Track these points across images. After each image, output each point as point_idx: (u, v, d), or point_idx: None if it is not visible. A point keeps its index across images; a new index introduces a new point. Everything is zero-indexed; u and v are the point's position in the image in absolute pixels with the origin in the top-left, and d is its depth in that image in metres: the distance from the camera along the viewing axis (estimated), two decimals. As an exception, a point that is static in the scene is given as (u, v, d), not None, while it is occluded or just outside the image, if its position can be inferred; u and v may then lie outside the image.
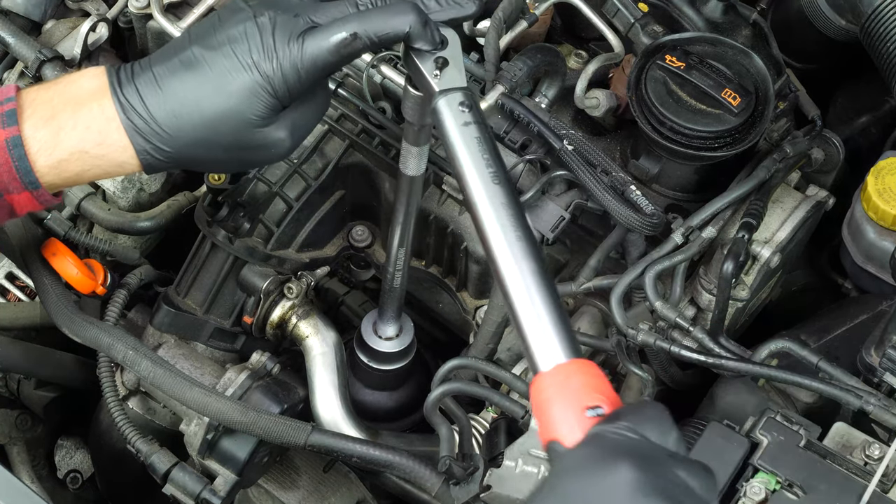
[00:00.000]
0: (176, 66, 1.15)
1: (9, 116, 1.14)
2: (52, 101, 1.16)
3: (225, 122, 1.15)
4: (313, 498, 1.55)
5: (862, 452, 1.27)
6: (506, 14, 1.51)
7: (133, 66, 1.17)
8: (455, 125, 1.11)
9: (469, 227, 1.51)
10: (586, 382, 0.97)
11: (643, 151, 1.48)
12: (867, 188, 1.49)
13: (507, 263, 1.05)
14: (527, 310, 1.02)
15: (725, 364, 1.35)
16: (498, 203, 1.08)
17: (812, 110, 1.59)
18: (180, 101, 1.14)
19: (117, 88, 1.15)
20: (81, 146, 1.15)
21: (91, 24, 1.58)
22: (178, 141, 1.15)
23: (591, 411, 0.95)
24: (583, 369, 0.98)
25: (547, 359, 0.99)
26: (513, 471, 1.27)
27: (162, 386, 1.39)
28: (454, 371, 1.37)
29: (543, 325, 1.01)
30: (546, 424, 0.96)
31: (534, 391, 0.98)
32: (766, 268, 1.47)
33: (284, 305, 1.52)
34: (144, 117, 1.15)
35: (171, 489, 1.42)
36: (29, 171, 1.15)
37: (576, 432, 0.93)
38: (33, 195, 1.17)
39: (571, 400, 0.95)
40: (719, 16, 1.60)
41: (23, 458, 1.81)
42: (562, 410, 0.95)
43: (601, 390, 0.96)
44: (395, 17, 1.15)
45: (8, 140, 1.14)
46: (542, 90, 1.52)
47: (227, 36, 1.15)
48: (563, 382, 0.97)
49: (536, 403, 0.97)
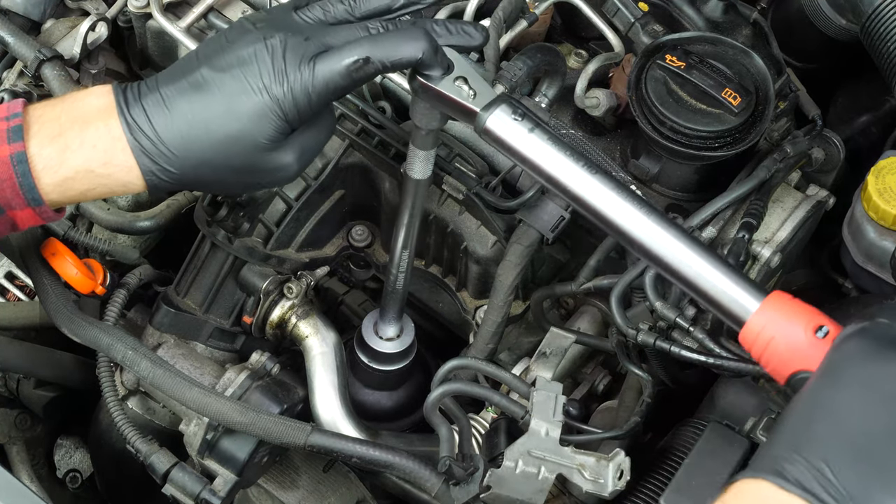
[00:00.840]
0: (184, 87, 1.15)
1: (14, 132, 1.14)
2: (60, 118, 1.16)
3: (233, 145, 1.15)
4: (313, 498, 1.55)
5: (862, 452, 1.27)
6: (506, 13, 1.51)
7: (140, 85, 1.17)
8: (521, 137, 1.12)
9: (469, 226, 1.51)
10: (799, 309, 1.01)
11: (643, 151, 1.48)
12: (867, 188, 1.49)
13: (659, 243, 1.08)
14: (703, 275, 1.06)
15: (726, 364, 1.35)
16: (612, 192, 1.11)
17: (812, 110, 1.59)
18: (188, 123, 1.14)
19: (124, 108, 1.15)
20: (87, 165, 1.16)
21: (90, 23, 1.58)
22: (184, 163, 1.15)
23: (820, 331, 0.99)
24: (785, 299, 1.02)
25: (747, 306, 1.03)
26: (513, 471, 1.26)
27: (161, 386, 1.39)
28: (454, 371, 1.37)
29: (726, 281, 1.05)
30: (785, 361, 0.99)
31: (750, 339, 1.02)
32: (767, 268, 1.47)
33: (284, 305, 1.52)
34: (151, 138, 1.15)
35: (170, 489, 1.42)
36: (33, 187, 1.15)
37: (818, 354, 0.97)
38: (36, 211, 1.17)
39: (797, 328, 0.99)
40: (719, 15, 1.60)
41: (22, 457, 1.81)
42: (797, 342, 0.99)
43: (813, 311, 1.01)
44: (408, 42, 1.15)
45: (12, 156, 1.14)
46: (542, 90, 1.52)
47: (236, 57, 1.15)
48: (776, 318, 1.01)
49: (760, 348, 1.01)
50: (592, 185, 1.11)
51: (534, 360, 1.42)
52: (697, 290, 1.07)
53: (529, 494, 1.29)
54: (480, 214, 1.48)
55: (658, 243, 1.08)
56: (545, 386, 1.28)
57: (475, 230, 1.51)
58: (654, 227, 1.09)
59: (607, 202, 1.11)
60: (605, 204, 1.11)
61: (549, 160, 1.12)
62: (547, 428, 1.26)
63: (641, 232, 1.09)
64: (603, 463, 1.24)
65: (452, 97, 1.14)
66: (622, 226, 1.10)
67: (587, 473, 1.24)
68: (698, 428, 1.34)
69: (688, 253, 1.08)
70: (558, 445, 1.26)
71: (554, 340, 1.40)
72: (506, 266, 1.45)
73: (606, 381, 1.55)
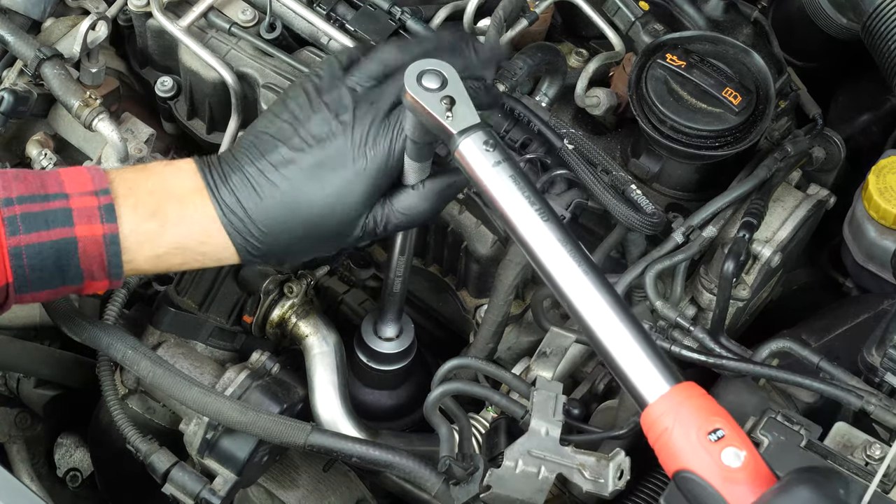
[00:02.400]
0: (267, 167, 1.19)
1: (107, 211, 1.17)
2: (154, 194, 1.20)
3: (324, 220, 1.20)
4: (313, 497, 1.55)
5: (863, 453, 1.27)
6: (506, 12, 1.51)
7: (222, 164, 1.21)
8: (487, 167, 1.12)
9: (469, 226, 1.51)
10: (699, 406, 0.98)
11: (644, 150, 1.48)
12: (868, 187, 1.49)
13: (586, 303, 1.05)
14: (618, 346, 1.03)
15: (726, 364, 1.35)
16: (556, 242, 1.08)
17: (813, 109, 1.59)
18: (277, 203, 1.19)
19: (214, 189, 1.20)
20: (184, 242, 1.20)
21: (91, 22, 1.58)
22: (276, 239, 1.21)
23: (713, 435, 0.96)
24: (691, 393, 1.00)
25: (652, 390, 1.00)
26: (513, 471, 1.26)
27: (161, 385, 1.39)
28: (454, 371, 1.37)
29: (639, 358, 1.02)
30: (671, 456, 0.97)
31: (647, 424, 0.99)
32: (767, 267, 1.47)
33: (284, 305, 1.52)
34: (242, 219, 1.19)
35: (170, 489, 1.42)
36: (119, 264, 1.18)
37: (705, 459, 0.95)
38: (111, 283, 1.20)
39: (692, 427, 0.97)
40: (720, 14, 1.60)
41: (22, 456, 1.81)
42: (685, 440, 0.96)
43: (714, 411, 0.98)
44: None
45: (105, 236, 1.17)
46: (543, 89, 1.52)
47: (313, 137, 1.19)
48: (676, 411, 0.98)
49: (654, 436, 0.98)
50: (540, 232, 1.08)
51: (534, 360, 1.42)
52: (610, 360, 1.03)
53: (529, 494, 1.29)
54: (480, 213, 1.48)
55: (587, 306, 1.05)
56: (545, 385, 1.28)
57: (475, 229, 1.51)
58: (588, 287, 1.05)
59: (549, 252, 1.08)
60: (546, 253, 1.08)
61: (504, 196, 1.10)
62: (547, 427, 1.26)
63: (573, 290, 1.05)
64: (603, 463, 1.24)
65: (434, 115, 1.14)
66: (556, 279, 1.06)
67: (587, 473, 1.23)
68: (699, 428, 1.33)
69: (614, 322, 1.04)
70: (558, 445, 1.26)
71: (554, 340, 1.40)
72: (506, 265, 1.45)
73: (606, 381, 1.54)
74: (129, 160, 1.53)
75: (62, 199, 1.18)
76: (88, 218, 1.17)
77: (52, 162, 1.56)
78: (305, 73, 1.28)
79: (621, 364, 1.02)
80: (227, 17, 1.58)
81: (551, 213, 1.10)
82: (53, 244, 1.16)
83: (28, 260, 1.16)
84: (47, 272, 1.17)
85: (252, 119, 1.57)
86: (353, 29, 1.55)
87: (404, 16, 1.53)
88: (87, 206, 1.18)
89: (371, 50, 1.25)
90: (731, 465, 0.96)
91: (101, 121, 1.50)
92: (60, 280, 1.18)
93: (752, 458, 0.97)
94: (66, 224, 1.17)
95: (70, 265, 1.17)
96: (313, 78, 1.22)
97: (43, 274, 1.17)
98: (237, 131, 1.57)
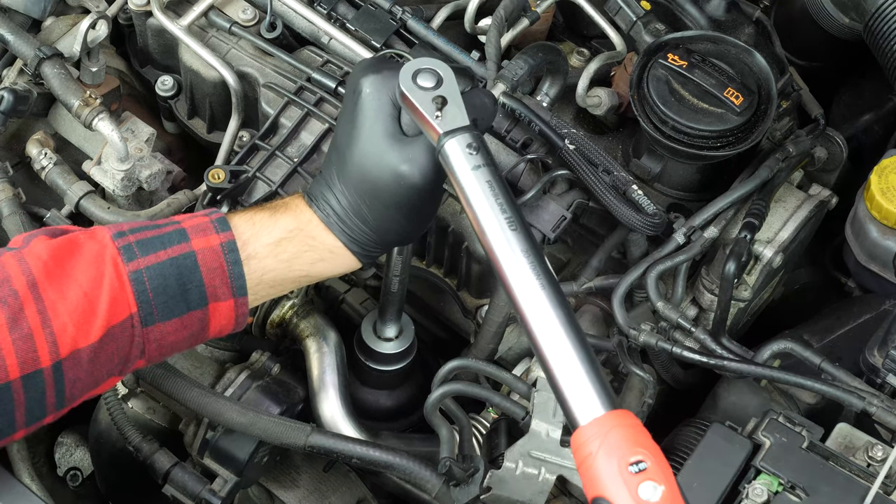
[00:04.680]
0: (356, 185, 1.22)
1: (220, 223, 1.20)
2: (275, 228, 1.23)
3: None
4: (313, 497, 1.54)
5: (864, 454, 1.27)
6: (507, 12, 1.51)
7: (330, 203, 1.23)
8: (466, 169, 1.12)
9: (469, 226, 1.50)
10: (626, 436, 0.97)
11: (645, 150, 1.48)
12: (870, 187, 1.49)
13: (535, 315, 1.05)
14: (560, 362, 1.02)
15: (727, 365, 1.35)
16: (518, 251, 1.08)
17: (815, 109, 1.58)
18: (375, 219, 1.23)
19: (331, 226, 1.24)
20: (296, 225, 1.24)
21: (91, 21, 1.58)
22: (384, 239, 1.25)
23: (634, 466, 0.95)
24: (622, 421, 0.98)
25: (585, 412, 0.99)
26: (513, 472, 1.26)
27: (161, 386, 1.38)
28: (454, 372, 1.36)
29: (579, 377, 1.01)
30: (591, 481, 0.96)
31: (575, 446, 0.99)
32: (769, 268, 1.47)
33: (285, 305, 1.52)
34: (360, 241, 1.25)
35: (170, 489, 1.42)
36: (241, 274, 1.19)
37: (621, 490, 0.94)
38: (236, 303, 1.20)
39: (614, 456, 0.96)
40: (722, 14, 1.60)
41: (22, 455, 1.80)
42: (606, 468, 0.96)
43: (641, 443, 0.97)
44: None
45: (223, 244, 1.19)
46: (544, 89, 1.51)
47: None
48: (603, 437, 0.97)
49: (579, 459, 0.98)
50: (504, 239, 1.08)
51: (534, 361, 1.41)
52: (551, 376, 1.03)
53: (530, 495, 1.29)
54: (481, 214, 1.48)
55: (536, 320, 1.04)
56: (546, 387, 1.28)
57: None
58: (542, 301, 1.05)
59: (509, 260, 1.08)
60: (507, 261, 1.08)
61: (477, 200, 1.10)
62: (547, 429, 1.26)
63: (526, 302, 1.05)
64: (604, 464, 1.23)
65: (423, 113, 1.14)
66: (512, 288, 1.06)
67: (588, 474, 1.23)
68: (700, 428, 1.33)
69: (561, 339, 1.03)
70: (559, 446, 1.25)
71: (555, 340, 1.39)
72: (507, 266, 1.44)
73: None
74: (128, 159, 1.52)
75: (174, 224, 1.19)
76: (203, 231, 1.19)
77: (51, 161, 1.56)
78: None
79: (560, 382, 1.02)
80: (228, 17, 1.58)
81: (521, 224, 1.10)
82: (172, 261, 1.16)
83: (150, 283, 1.15)
84: (171, 294, 1.16)
85: (252, 118, 1.57)
86: (353, 28, 1.54)
87: (405, 15, 1.53)
88: (200, 223, 1.20)
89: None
90: (649, 499, 0.95)
91: (101, 120, 1.50)
92: (185, 305, 1.17)
93: (670, 494, 0.96)
94: (181, 241, 1.17)
95: (192, 281, 1.17)
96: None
97: (167, 298, 1.16)
98: (237, 130, 1.57)
